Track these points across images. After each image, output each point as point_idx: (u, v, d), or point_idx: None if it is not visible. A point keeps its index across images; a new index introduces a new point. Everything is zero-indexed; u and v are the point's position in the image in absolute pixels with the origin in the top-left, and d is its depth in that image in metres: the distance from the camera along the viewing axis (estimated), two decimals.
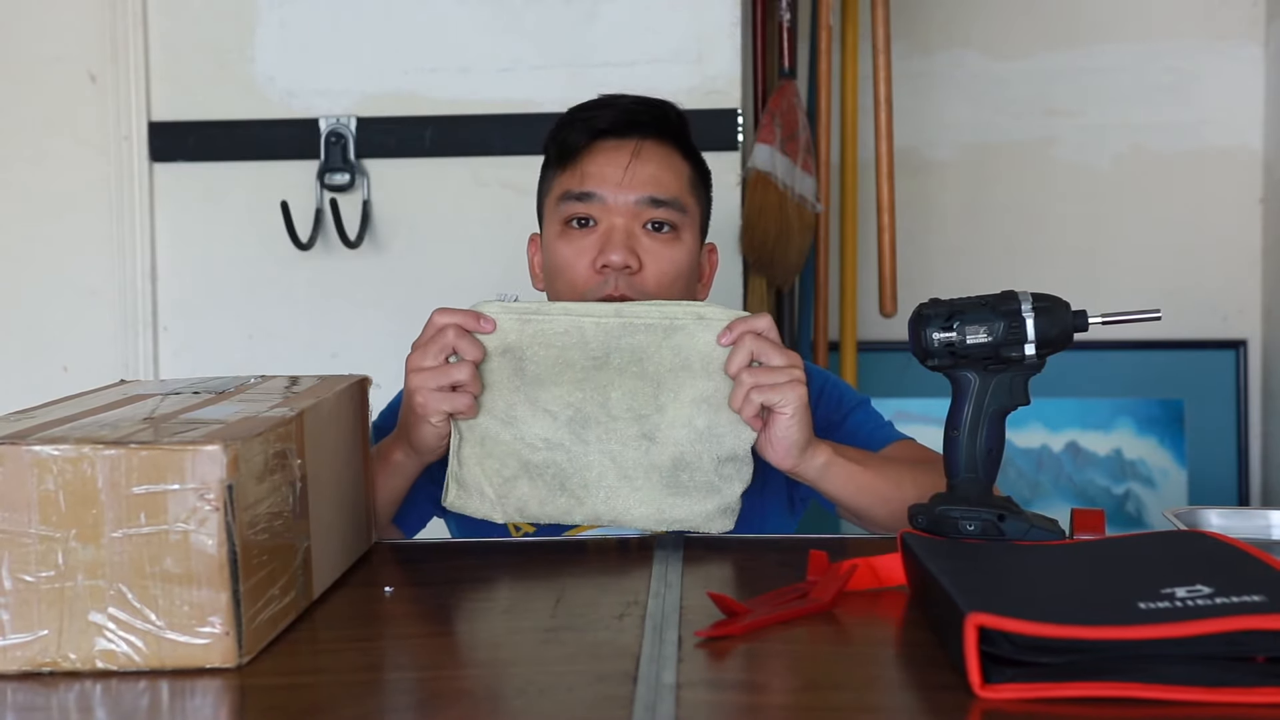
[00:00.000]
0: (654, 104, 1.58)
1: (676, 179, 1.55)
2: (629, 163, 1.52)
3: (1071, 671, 0.88)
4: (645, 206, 1.52)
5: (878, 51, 2.44)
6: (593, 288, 1.50)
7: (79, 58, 2.27)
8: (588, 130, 1.54)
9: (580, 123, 1.55)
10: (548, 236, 1.57)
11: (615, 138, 1.54)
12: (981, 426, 1.20)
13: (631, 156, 1.52)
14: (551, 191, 1.57)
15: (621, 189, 1.51)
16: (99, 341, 2.29)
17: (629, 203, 1.51)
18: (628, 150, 1.53)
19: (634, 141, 1.54)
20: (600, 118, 1.55)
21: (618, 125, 1.54)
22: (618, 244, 1.49)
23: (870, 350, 2.73)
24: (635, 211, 1.52)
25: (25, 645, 0.97)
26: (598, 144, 1.54)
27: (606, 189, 1.52)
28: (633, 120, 1.55)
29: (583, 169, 1.53)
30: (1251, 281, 2.80)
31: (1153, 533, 1.16)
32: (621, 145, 1.54)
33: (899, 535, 1.16)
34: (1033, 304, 1.19)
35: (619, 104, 1.57)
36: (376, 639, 1.13)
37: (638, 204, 1.52)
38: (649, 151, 1.54)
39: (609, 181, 1.52)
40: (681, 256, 1.54)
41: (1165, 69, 2.78)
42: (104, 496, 0.96)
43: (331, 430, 1.22)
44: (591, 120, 1.55)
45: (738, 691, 0.96)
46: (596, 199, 1.52)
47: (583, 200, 1.52)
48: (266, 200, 2.22)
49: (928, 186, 2.82)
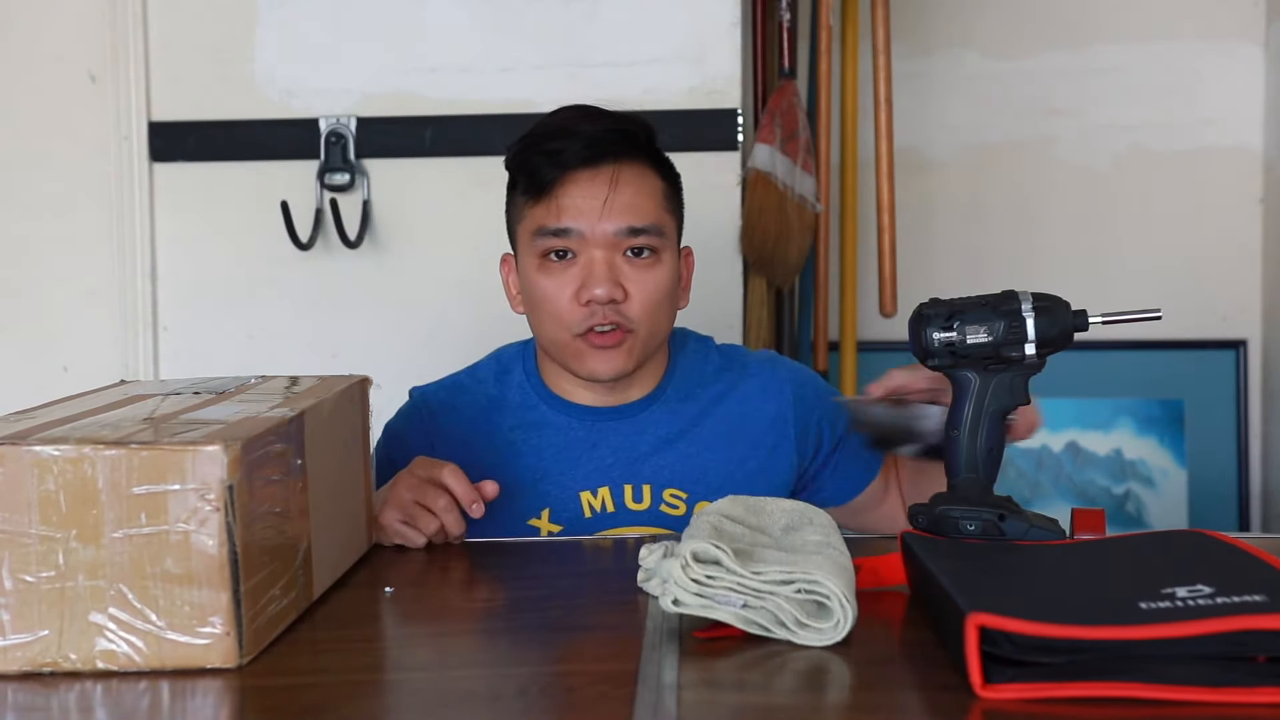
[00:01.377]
0: (622, 125, 1.53)
1: (652, 201, 1.52)
2: (606, 195, 1.49)
3: (1072, 671, 0.88)
4: (624, 236, 1.50)
5: (878, 51, 2.43)
6: (578, 320, 1.50)
7: (79, 58, 2.27)
8: (558, 162, 1.50)
9: (548, 155, 1.50)
10: (525, 267, 1.54)
11: (589, 167, 1.50)
12: (981, 426, 1.20)
13: (608, 188, 1.49)
14: (523, 222, 1.53)
15: (600, 220, 1.49)
16: (99, 341, 2.29)
17: (608, 234, 1.49)
18: (603, 180, 1.50)
19: (608, 169, 1.50)
20: (569, 149, 1.49)
21: (589, 155, 1.50)
22: (601, 278, 1.48)
23: (870, 350, 2.73)
24: (614, 242, 1.50)
25: (26, 645, 0.97)
26: (570, 175, 1.50)
27: (584, 222, 1.49)
28: (604, 148, 1.50)
29: (557, 203, 1.49)
30: (1251, 281, 2.80)
31: (1153, 532, 1.16)
32: (596, 175, 1.50)
33: (899, 535, 1.16)
34: (1033, 304, 1.19)
35: (584, 133, 1.51)
36: (376, 639, 1.13)
37: (616, 235, 1.49)
38: (624, 177, 1.51)
39: (586, 215, 1.49)
40: (664, 278, 1.53)
41: (1165, 69, 2.78)
42: (104, 497, 0.96)
43: (332, 430, 1.22)
44: (561, 152, 1.50)
45: (738, 691, 0.96)
46: (574, 233, 1.49)
47: (559, 236, 1.49)
48: (266, 200, 2.22)
49: (928, 186, 2.82)
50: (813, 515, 1.20)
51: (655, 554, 1.14)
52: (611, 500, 1.56)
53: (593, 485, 1.56)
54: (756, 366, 1.66)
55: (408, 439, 1.60)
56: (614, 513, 1.56)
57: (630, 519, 1.56)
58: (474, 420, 1.60)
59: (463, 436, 1.59)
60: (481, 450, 1.57)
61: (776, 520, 1.19)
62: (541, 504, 1.55)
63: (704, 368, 1.64)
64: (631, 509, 1.56)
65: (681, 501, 1.56)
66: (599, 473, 1.57)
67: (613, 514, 1.56)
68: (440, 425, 1.60)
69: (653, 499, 1.56)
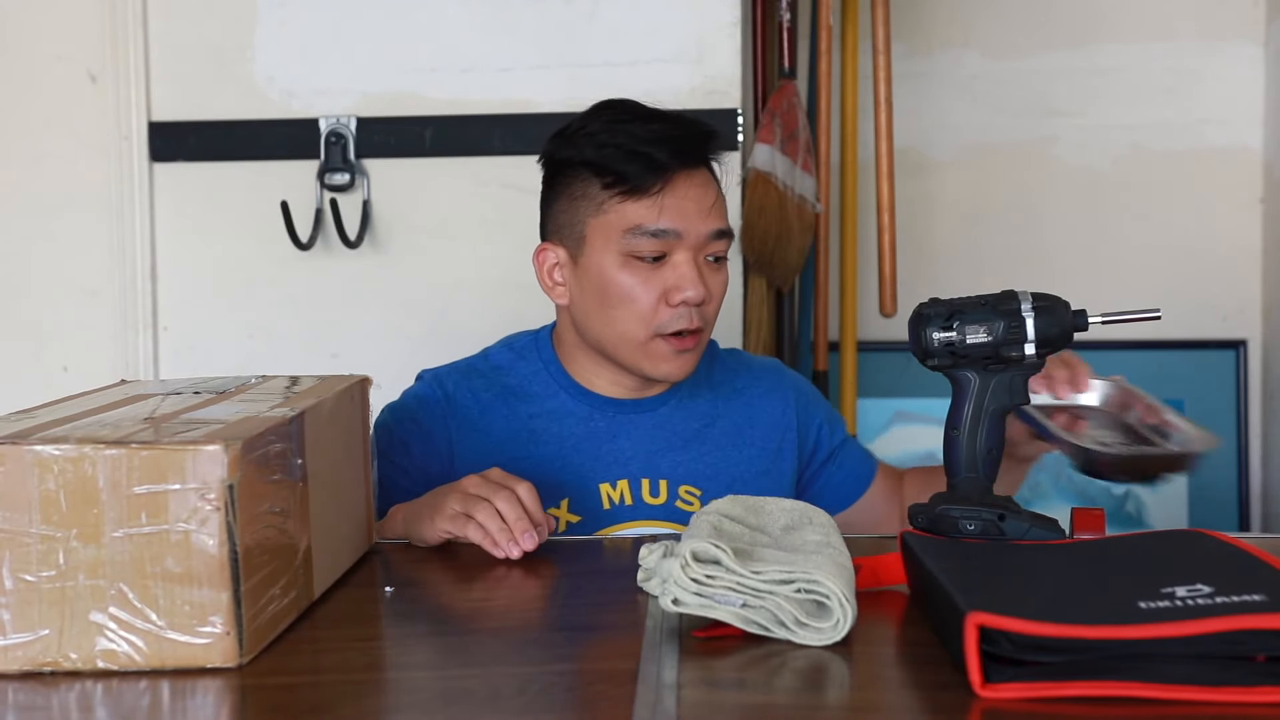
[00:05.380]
0: (704, 128, 1.54)
1: (723, 204, 1.55)
2: (713, 199, 1.51)
3: (1072, 671, 0.88)
4: (714, 240, 1.51)
5: (878, 51, 2.43)
6: (666, 320, 1.50)
7: (79, 58, 2.27)
8: (661, 165, 1.49)
9: (648, 155, 1.49)
10: (602, 264, 1.51)
11: (687, 169, 1.51)
12: (981, 426, 1.20)
13: (701, 189, 1.51)
14: (607, 217, 1.51)
15: (700, 223, 1.50)
16: (99, 341, 2.29)
17: (704, 236, 1.50)
18: (702, 183, 1.52)
19: (704, 172, 1.53)
20: (674, 151, 1.49)
21: (688, 158, 1.51)
22: (696, 280, 1.49)
23: (870, 350, 2.73)
24: (705, 245, 1.51)
25: (26, 645, 0.97)
26: (676, 177, 1.50)
27: (685, 224, 1.49)
28: (701, 152, 1.52)
29: (661, 203, 1.49)
30: (1251, 281, 2.80)
31: (1153, 532, 1.16)
32: (692, 177, 1.51)
33: (899, 535, 1.16)
34: (1032, 304, 1.19)
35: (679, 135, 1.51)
36: (376, 639, 1.13)
37: (710, 238, 1.51)
38: (708, 180, 1.53)
39: (689, 217, 1.49)
40: (727, 280, 1.55)
41: (1165, 69, 2.78)
42: (105, 496, 0.96)
43: (332, 430, 1.22)
44: (663, 154, 1.49)
45: (738, 691, 0.96)
46: (673, 234, 1.49)
47: (659, 237, 1.49)
48: (266, 200, 2.22)
49: (928, 186, 2.82)
50: (812, 515, 1.20)
51: (655, 554, 1.14)
52: (630, 493, 1.57)
53: (612, 478, 1.57)
54: (762, 371, 1.70)
55: (421, 420, 1.58)
56: (632, 505, 1.57)
57: (647, 513, 1.57)
58: (491, 404, 1.59)
59: (480, 420, 1.58)
60: (500, 436, 1.57)
61: (776, 520, 1.19)
62: (561, 494, 1.55)
63: (712, 368, 1.66)
64: (649, 503, 1.57)
65: (696, 498, 1.58)
66: (618, 465, 1.57)
67: (631, 507, 1.57)
68: (457, 407, 1.59)
69: (669, 494, 1.57)
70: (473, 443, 1.56)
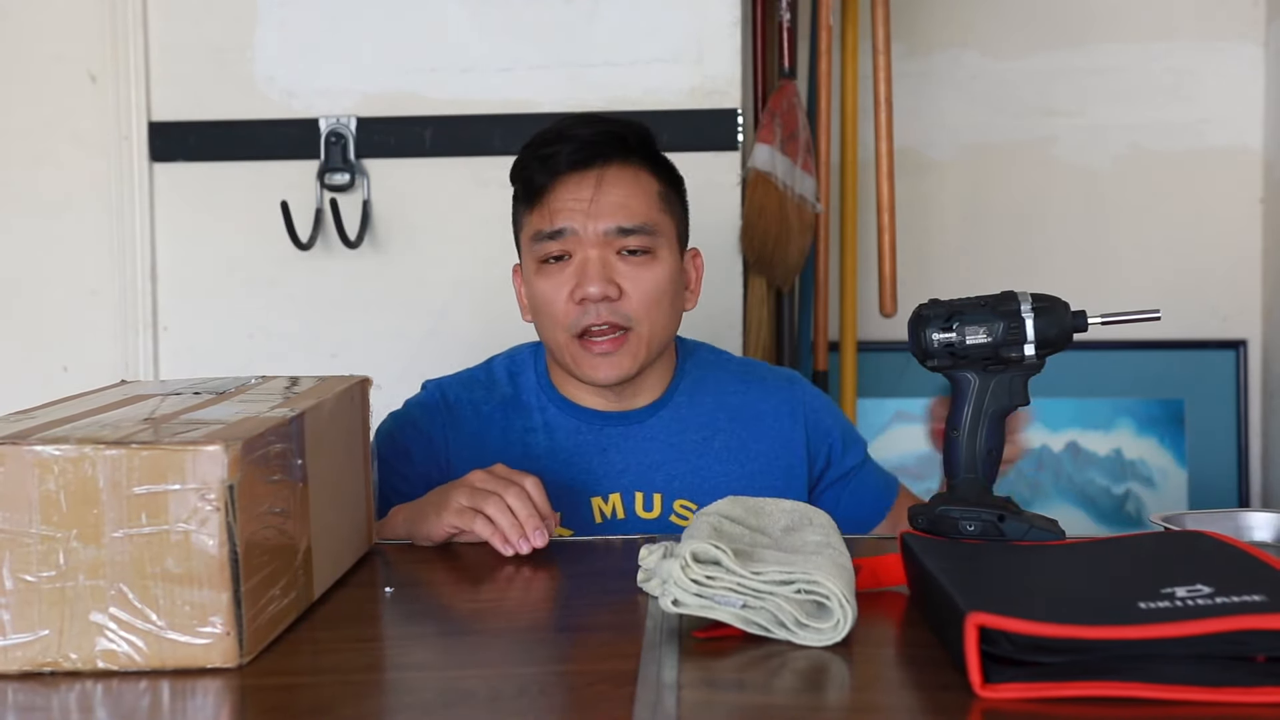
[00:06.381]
0: (613, 128, 1.57)
1: (644, 201, 1.55)
2: (592, 195, 1.52)
3: (1072, 671, 0.88)
4: (615, 236, 1.53)
5: (878, 51, 2.43)
6: (574, 319, 1.52)
7: (79, 58, 2.27)
8: (549, 168, 1.54)
9: (541, 160, 1.55)
10: (527, 273, 1.58)
11: (577, 170, 1.54)
12: (981, 426, 1.20)
13: (594, 188, 1.53)
14: (524, 230, 1.58)
15: (589, 220, 1.52)
16: (99, 341, 2.29)
17: (599, 233, 1.52)
18: (590, 181, 1.53)
19: (596, 170, 1.54)
20: (559, 154, 1.54)
21: (578, 158, 1.54)
22: (593, 276, 1.51)
23: (870, 350, 2.73)
24: (606, 241, 1.52)
25: (26, 645, 0.97)
26: (560, 179, 1.54)
27: (574, 222, 1.52)
28: (592, 150, 1.54)
29: (549, 206, 1.53)
30: (1251, 281, 2.80)
31: (1153, 533, 1.16)
32: (584, 177, 1.54)
33: (899, 535, 1.16)
34: (1032, 304, 1.19)
35: (576, 136, 1.55)
36: (376, 639, 1.13)
37: (607, 234, 1.52)
38: (612, 178, 1.54)
39: (575, 215, 1.52)
40: (661, 275, 1.54)
41: (1165, 69, 2.78)
42: (105, 496, 0.96)
43: (332, 431, 1.22)
44: (552, 157, 1.54)
45: (738, 691, 0.96)
46: (567, 234, 1.52)
47: (554, 238, 1.53)
48: (266, 200, 2.22)
49: (928, 186, 2.81)
50: (813, 516, 1.20)
51: (655, 554, 1.14)
52: (622, 507, 1.56)
53: (603, 491, 1.57)
54: (775, 384, 1.67)
55: (423, 427, 1.60)
56: (625, 519, 1.57)
57: (640, 527, 1.57)
58: (490, 416, 1.61)
59: (478, 432, 1.60)
60: (496, 448, 1.57)
61: (776, 521, 1.19)
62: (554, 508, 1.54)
63: (718, 376, 1.65)
64: (642, 517, 1.57)
65: (691, 513, 1.56)
66: (609, 479, 1.57)
67: (623, 520, 1.57)
68: (457, 418, 1.61)
69: (663, 508, 1.57)
70: (469, 453, 1.57)
